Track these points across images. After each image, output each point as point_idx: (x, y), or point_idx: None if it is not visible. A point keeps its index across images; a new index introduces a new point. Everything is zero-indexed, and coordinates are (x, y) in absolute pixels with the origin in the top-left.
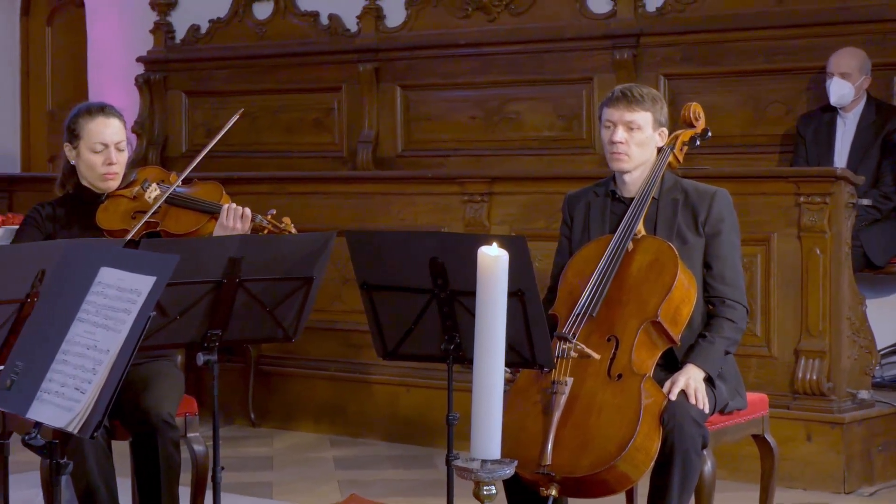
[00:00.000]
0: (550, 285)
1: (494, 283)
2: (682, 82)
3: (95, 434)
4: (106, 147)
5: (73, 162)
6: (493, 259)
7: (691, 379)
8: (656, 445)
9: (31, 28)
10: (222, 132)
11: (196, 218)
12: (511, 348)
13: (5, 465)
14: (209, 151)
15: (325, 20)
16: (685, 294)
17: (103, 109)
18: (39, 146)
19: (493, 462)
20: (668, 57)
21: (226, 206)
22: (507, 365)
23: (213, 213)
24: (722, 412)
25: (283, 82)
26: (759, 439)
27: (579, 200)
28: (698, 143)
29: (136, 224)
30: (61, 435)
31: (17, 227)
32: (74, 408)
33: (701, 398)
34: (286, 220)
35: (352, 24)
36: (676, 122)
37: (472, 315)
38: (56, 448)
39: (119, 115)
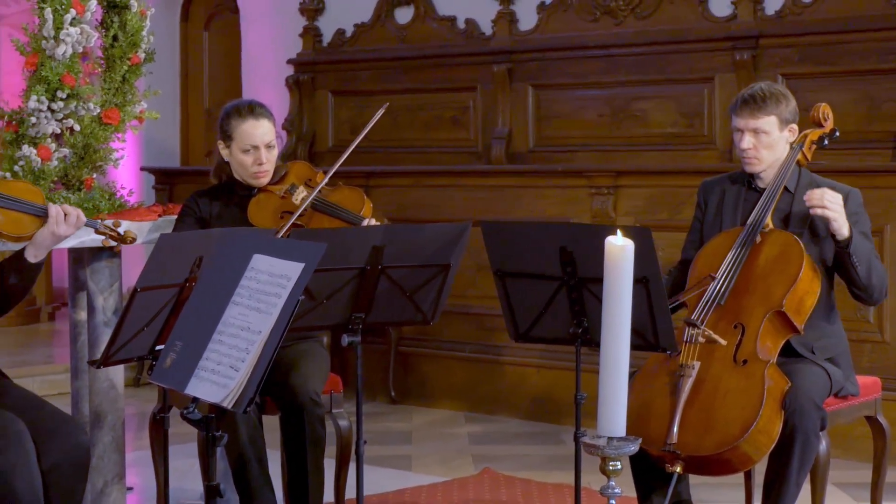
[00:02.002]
0: (681, 259)
1: (621, 270)
2: (799, 81)
3: (248, 409)
4: (256, 148)
5: (226, 159)
6: (620, 248)
7: (837, 205)
8: (778, 428)
9: (190, 33)
10: (368, 126)
11: (339, 226)
12: (636, 332)
13: (165, 437)
14: (355, 147)
15: (461, 24)
16: (809, 286)
17: (252, 110)
18: (197, 142)
19: (619, 439)
20: (786, 57)
21: (365, 220)
22: (632, 348)
23: (355, 224)
24: (837, 395)
25: (423, 82)
26: (872, 420)
27: (714, 188)
28: (826, 142)
29: (284, 224)
30: (216, 409)
31: (175, 216)
32: (229, 384)
33: (832, 210)
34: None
35: (486, 28)
36: (805, 122)
37: (600, 301)
38: (212, 422)
39: (268, 115)
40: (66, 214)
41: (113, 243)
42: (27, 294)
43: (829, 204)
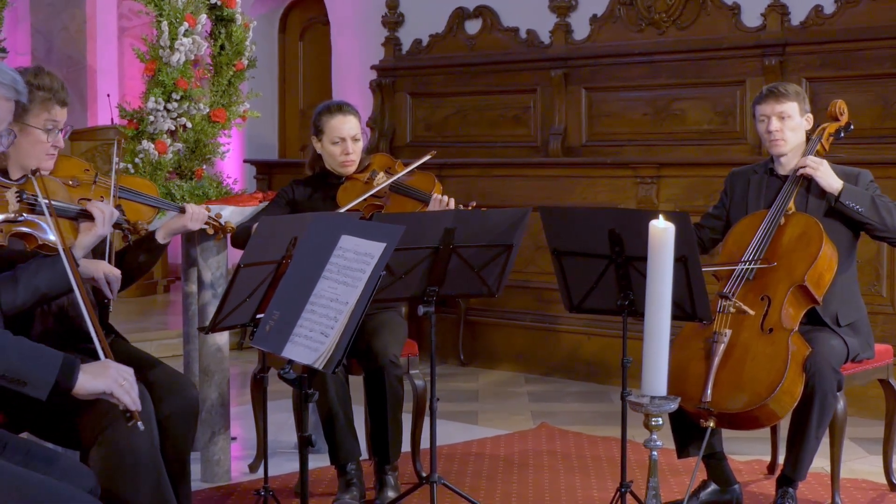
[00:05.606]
0: (697, 223)
1: (663, 250)
2: (821, 84)
3: (336, 370)
4: (343, 140)
5: (319, 151)
6: (662, 230)
7: (823, 165)
8: (800, 389)
9: (287, 43)
10: (420, 161)
11: (413, 205)
12: (676, 304)
13: (264, 394)
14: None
15: (523, 34)
16: (828, 263)
17: (341, 108)
18: (293, 138)
19: (660, 398)
20: (809, 63)
21: (434, 196)
22: (672, 318)
23: (426, 201)
24: (853, 360)
25: (489, 85)
26: (884, 383)
27: (741, 177)
28: (842, 134)
29: (362, 198)
30: (309, 370)
31: None
32: (320, 348)
33: (815, 169)
34: (484, 210)
35: (545, 38)
36: (824, 116)
37: (644, 276)
38: (304, 381)
39: (354, 112)
40: (193, 213)
41: (213, 233)
42: (149, 271)
43: (811, 163)
